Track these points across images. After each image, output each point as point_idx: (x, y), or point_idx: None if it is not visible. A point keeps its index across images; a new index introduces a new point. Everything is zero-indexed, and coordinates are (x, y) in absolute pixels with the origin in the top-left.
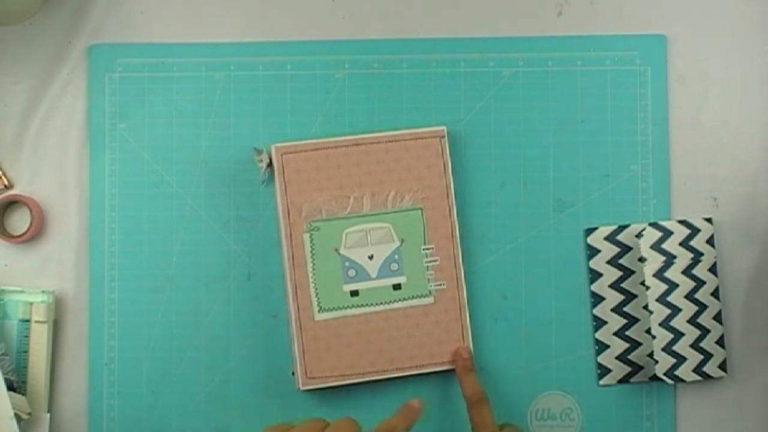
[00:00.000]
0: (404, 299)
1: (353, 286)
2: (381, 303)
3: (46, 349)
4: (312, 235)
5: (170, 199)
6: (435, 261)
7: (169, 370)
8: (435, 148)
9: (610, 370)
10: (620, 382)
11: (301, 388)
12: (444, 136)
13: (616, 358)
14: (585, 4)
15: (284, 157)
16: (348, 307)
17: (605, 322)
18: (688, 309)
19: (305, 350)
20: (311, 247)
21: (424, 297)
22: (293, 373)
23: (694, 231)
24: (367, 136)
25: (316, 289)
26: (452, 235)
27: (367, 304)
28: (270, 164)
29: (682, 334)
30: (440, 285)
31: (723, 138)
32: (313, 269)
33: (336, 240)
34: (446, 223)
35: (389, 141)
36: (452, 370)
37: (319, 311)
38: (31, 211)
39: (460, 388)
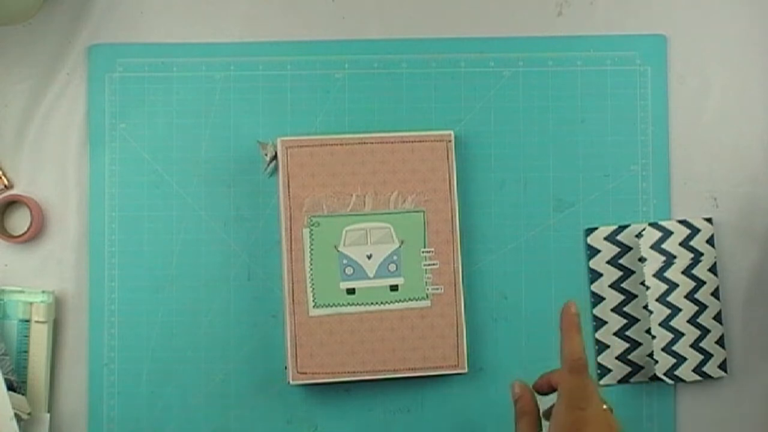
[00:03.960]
0: (401, 301)
1: (350, 284)
2: (377, 303)
3: (46, 349)
4: (312, 230)
5: (170, 199)
6: (434, 264)
7: (169, 370)
8: (441, 152)
9: (610, 370)
10: (620, 382)
11: (291, 382)
12: (451, 140)
13: (616, 358)
14: (585, 4)
15: (289, 151)
16: (343, 304)
17: (605, 322)
18: (688, 309)
19: (298, 345)
20: (310, 242)
21: (421, 300)
22: (285, 368)
23: (694, 231)
24: (373, 136)
25: (313, 284)
26: (453, 239)
27: (362, 303)
28: (275, 157)
29: (682, 334)
30: (438, 289)
31: (723, 138)
32: (311, 264)
33: (336, 237)
34: (447, 228)
35: (395, 142)
36: (446, 375)
37: (314, 306)
38: (31, 211)
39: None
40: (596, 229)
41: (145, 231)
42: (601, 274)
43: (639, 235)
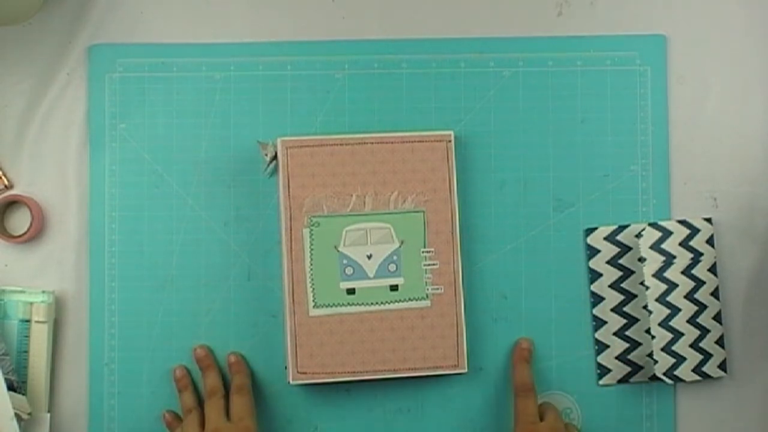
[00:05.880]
0: (401, 301)
1: (350, 284)
2: (377, 303)
3: (46, 349)
4: (312, 230)
5: (170, 199)
6: (434, 265)
7: (169, 370)
8: (441, 152)
9: (609, 370)
10: (620, 382)
11: (291, 382)
12: (451, 140)
13: (616, 358)
14: (585, 4)
15: (289, 151)
16: (343, 304)
17: (605, 322)
18: (688, 309)
19: (298, 345)
20: (310, 242)
21: (421, 300)
22: (285, 368)
23: (694, 231)
24: (374, 136)
25: (313, 284)
26: (453, 240)
27: (362, 303)
28: (275, 157)
29: (682, 334)
30: (438, 289)
31: (723, 138)
32: (311, 264)
33: (336, 237)
34: (447, 228)
35: (395, 142)
36: (446, 375)
37: (314, 307)
38: (31, 211)
39: (511, 376)
40: (596, 229)
41: (145, 231)
42: (600, 274)
43: (639, 235)
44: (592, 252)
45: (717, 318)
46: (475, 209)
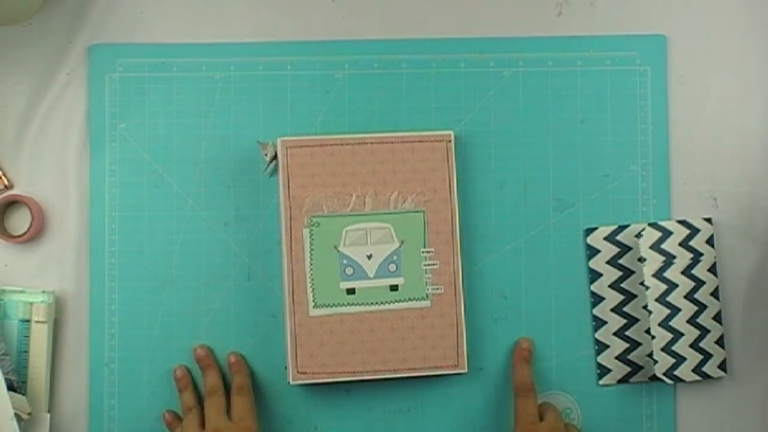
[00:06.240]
0: (401, 301)
1: (350, 284)
2: (377, 303)
3: (46, 349)
4: (312, 230)
5: (170, 199)
6: (434, 265)
7: (169, 370)
8: (441, 152)
9: (609, 370)
10: (620, 382)
11: (291, 382)
12: (451, 141)
13: (616, 358)
14: (585, 4)
15: (289, 151)
16: (343, 304)
17: (605, 322)
18: (688, 309)
19: (298, 345)
20: (310, 242)
21: (421, 300)
22: (285, 368)
23: (694, 231)
24: (373, 136)
25: (313, 284)
26: (453, 240)
27: (362, 303)
28: (275, 157)
29: (682, 334)
30: (438, 289)
31: (723, 138)
32: (311, 264)
33: (336, 237)
34: (447, 228)
35: (395, 142)
36: (446, 375)
37: (314, 307)
38: (31, 211)
39: (511, 376)
40: (596, 229)
41: (145, 231)
42: (600, 274)
43: (639, 235)
44: (592, 252)
45: (717, 318)
46: (475, 209)
